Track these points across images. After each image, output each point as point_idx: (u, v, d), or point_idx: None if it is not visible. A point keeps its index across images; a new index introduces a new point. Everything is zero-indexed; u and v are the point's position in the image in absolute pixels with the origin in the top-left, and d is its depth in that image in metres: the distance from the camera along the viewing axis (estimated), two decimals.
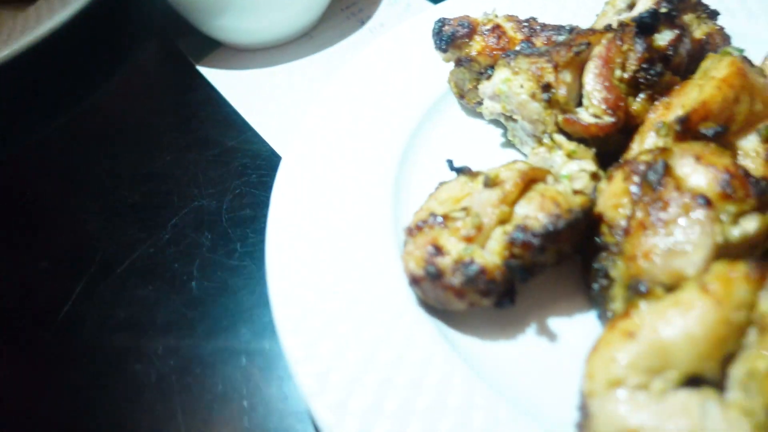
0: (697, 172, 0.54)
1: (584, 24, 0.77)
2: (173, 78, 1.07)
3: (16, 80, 1.05)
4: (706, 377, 0.46)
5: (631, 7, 0.74)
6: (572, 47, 0.65)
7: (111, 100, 1.06)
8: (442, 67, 0.82)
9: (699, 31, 0.75)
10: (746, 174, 0.53)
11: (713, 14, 0.77)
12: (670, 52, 0.68)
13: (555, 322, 0.61)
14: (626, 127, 0.66)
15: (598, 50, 0.65)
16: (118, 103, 1.05)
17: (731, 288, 0.45)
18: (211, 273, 0.76)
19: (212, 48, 1.06)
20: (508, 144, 0.77)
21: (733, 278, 0.45)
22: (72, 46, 1.10)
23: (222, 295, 0.73)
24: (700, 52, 0.72)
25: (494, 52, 0.73)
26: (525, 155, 0.74)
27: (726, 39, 0.78)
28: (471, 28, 0.74)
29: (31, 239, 0.82)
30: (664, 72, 0.64)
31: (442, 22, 0.75)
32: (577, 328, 0.60)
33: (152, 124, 0.99)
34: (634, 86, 0.65)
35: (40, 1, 1.12)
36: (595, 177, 0.65)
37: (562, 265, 0.63)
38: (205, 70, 1.03)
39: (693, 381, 0.46)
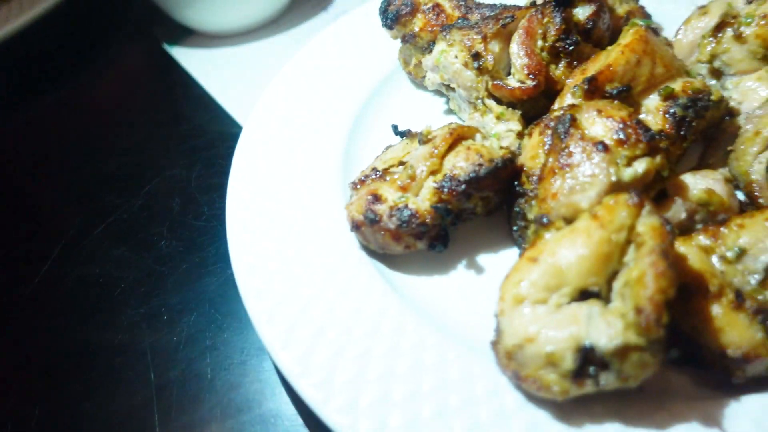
0: (597, 123, 0.61)
1: (521, 3, 0.85)
2: (149, 62, 1.13)
3: (2, 67, 1.11)
4: (595, 291, 0.53)
5: None
6: (499, 20, 0.73)
7: (91, 83, 1.12)
8: (393, 45, 0.89)
9: (621, 9, 0.84)
10: (639, 124, 0.60)
11: None
12: (590, 26, 0.76)
13: (483, 261, 0.68)
14: (549, 92, 0.74)
15: (522, 23, 0.73)
16: (97, 86, 1.12)
17: (613, 213, 0.52)
18: (180, 233, 0.82)
19: (185, 35, 1.13)
20: (451, 112, 0.85)
21: (614, 205, 0.53)
22: (55, 33, 1.17)
23: (190, 252, 0.80)
24: (622, 27, 0.80)
25: (434, 28, 0.80)
26: (463, 120, 0.82)
27: (647, 16, 0.86)
28: (413, 7, 0.82)
29: (16, 206, 0.89)
30: (579, 42, 0.72)
31: (387, 2, 0.83)
32: (501, 266, 0.67)
33: (128, 105, 1.05)
34: (554, 55, 0.73)
35: None
36: (520, 135, 0.72)
37: (494, 216, 0.71)
38: (178, 55, 1.10)
39: (585, 295, 0.53)
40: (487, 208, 0.69)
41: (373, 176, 0.69)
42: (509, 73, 0.76)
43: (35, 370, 0.72)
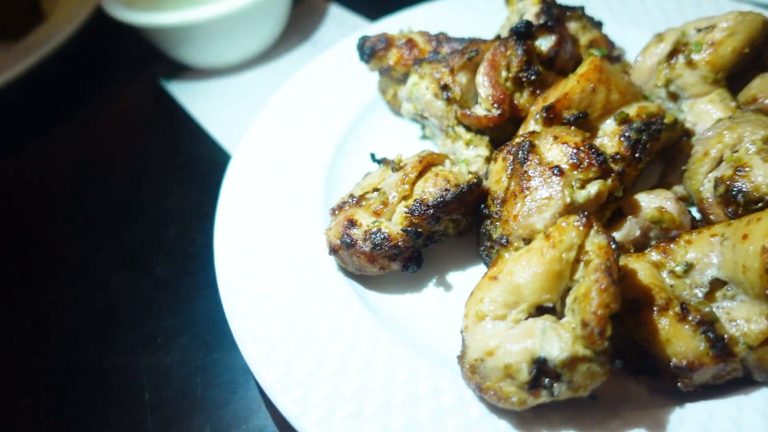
0: (554, 148, 0.66)
1: (487, 36, 0.91)
2: (146, 98, 1.20)
3: (9, 105, 1.19)
4: (550, 307, 0.57)
5: (521, 18, 0.87)
6: (465, 53, 0.78)
7: (92, 119, 1.20)
8: (374, 76, 0.95)
9: (584, 38, 0.89)
10: (592, 148, 0.65)
11: (597, 24, 0.90)
12: (552, 55, 0.81)
13: (454, 280, 0.72)
14: (516, 118, 0.79)
15: (487, 56, 0.78)
16: (98, 122, 1.19)
17: (564, 234, 0.56)
18: (174, 259, 0.88)
19: (180, 70, 1.20)
20: (426, 138, 0.90)
21: (565, 226, 0.57)
22: (58, 72, 1.25)
23: (183, 278, 0.85)
24: (583, 56, 0.85)
25: (408, 62, 0.86)
26: (437, 146, 0.87)
27: (610, 44, 0.91)
28: (388, 42, 0.88)
29: (22, 236, 0.95)
30: (541, 72, 0.77)
31: (363, 39, 0.89)
32: (471, 284, 0.70)
33: (127, 139, 1.12)
34: (518, 84, 0.78)
35: (30, 37, 1.27)
36: (488, 160, 0.77)
37: (465, 236, 0.75)
38: (173, 90, 1.17)
39: (542, 310, 0.57)
40: (457, 230, 0.74)
41: (350, 202, 0.74)
42: (477, 102, 0.81)
43: (39, 390, 0.76)
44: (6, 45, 1.32)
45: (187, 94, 1.15)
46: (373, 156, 0.81)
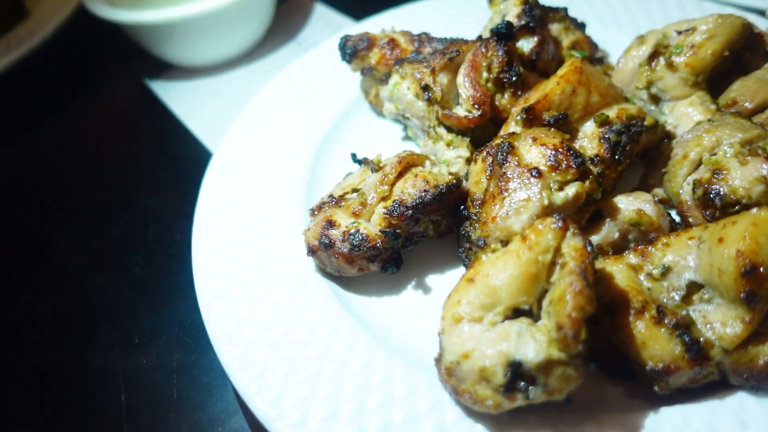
0: (533, 150, 0.65)
1: (471, 36, 0.90)
2: (130, 97, 1.19)
3: None
4: (526, 309, 0.56)
5: (503, 19, 0.87)
6: (446, 54, 0.78)
7: (74, 118, 1.18)
8: (357, 76, 0.95)
9: (567, 40, 0.89)
10: (570, 150, 0.65)
11: (580, 25, 0.90)
12: (534, 57, 0.81)
13: (433, 281, 0.72)
14: (497, 119, 0.78)
15: (468, 56, 0.78)
16: (80, 120, 1.17)
17: (540, 236, 0.56)
18: (153, 260, 0.86)
19: (164, 69, 1.19)
20: (408, 138, 0.89)
21: (541, 229, 0.56)
22: (41, 70, 1.23)
23: (162, 279, 0.84)
24: (565, 57, 0.85)
25: (390, 62, 0.85)
26: (419, 146, 0.86)
27: (593, 46, 0.91)
28: (370, 42, 0.87)
29: (2, 232, 0.94)
30: (521, 73, 0.77)
31: (345, 38, 0.88)
32: (450, 286, 0.70)
33: (109, 137, 1.11)
34: (499, 85, 0.78)
35: (11, 33, 1.25)
36: (469, 162, 0.77)
37: (446, 237, 0.75)
38: (157, 88, 1.15)
39: (518, 313, 0.57)
40: (438, 231, 0.73)
41: (330, 203, 0.73)
42: (458, 103, 0.80)
43: (13, 390, 0.75)
44: None
45: (171, 93, 1.14)
46: (354, 156, 0.80)
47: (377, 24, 1.05)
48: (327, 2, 1.29)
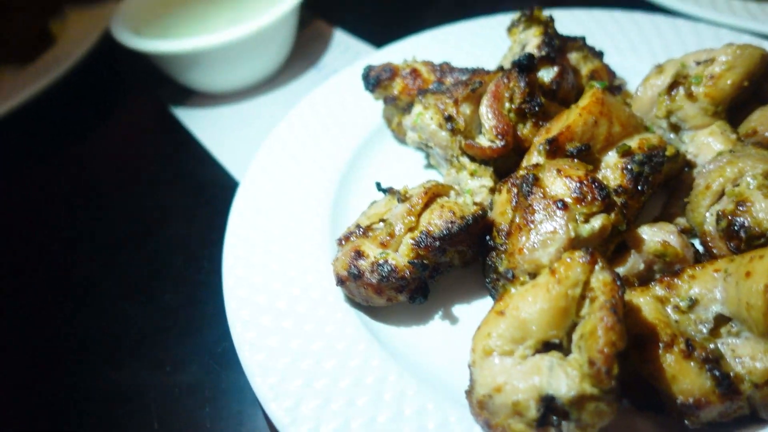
0: (557, 182, 0.67)
1: (490, 65, 0.92)
2: (153, 122, 1.22)
3: (17, 128, 1.20)
4: (556, 343, 0.57)
5: (523, 48, 0.89)
6: (468, 85, 0.80)
7: (100, 143, 1.21)
8: (379, 104, 0.97)
9: (585, 68, 0.90)
10: (595, 182, 0.66)
11: (598, 54, 0.92)
12: (554, 87, 0.83)
13: (460, 311, 0.73)
14: (519, 148, 0.80)
15: (490, 87, 0.80)
16: (106, 146, 1.20)
17: (569, 270, 0.57)
18: (182, 288, 0.88)
19: (187, 95, 1.22)
20: (431, 167, 0.91)
21: (570, 262, 0.58)
22: (67, 97, 1.26)
23: (191, 306, 0.86)
24: (584, 86, 0.87)
25: (412, 91, 0.87)
26: (442, 174, 0.88)
27: (611, 74, 0.93)
28: (393, 72, 0.89)
29: (28, 262, 0.96)
30: (543, 104, 0.78)
31: (368, 68, 0.90)
32: (478, 316, 0.71)
33: (134, 164, 1.13)
34: (521, 115, 0.79)
35: (39, 61, 1.29)
36: (492, 191, 0.78)
37: (471, 266, 0.76)
38: (181, 115, 1.18)
39: (548, 346, 0.58)
40: (463, 260, 0.74)
41: (357, 233, 0.75)
42: (481, 133, 0.82)
43: (45, 418, 0.77)
44: (16, 68, 1.34)
45: (195, 120, 1.17)
46: (378, 185, 0.82)
47: (396, 51, 1.07)
48: (346, 28, 1.31)
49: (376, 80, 0.90)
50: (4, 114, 1.15)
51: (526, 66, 0.78)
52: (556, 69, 0.82)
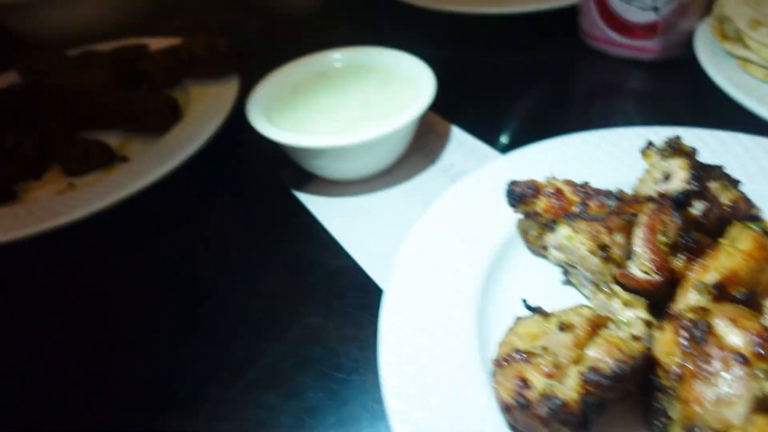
0: (733, 332, 0.68)
1: (625, 184, 0.96)
2: (277, 205, 1.28)
3: (146, 204, 1.27)
4: None
5: (666, 177, 0.92)
6: (621, 215, 0.83)
7: (221, 224, 1.27)
8: (509, 212, 1.01)
9: (724, 198, 0.93)
10: None
11: (735, 183, 0.95)
12: (703, 220, 0.86)
13: None
14: (671, 282, 0.82)
15: (644, 219, 0.83)
16: (228, 227, 1.26)
17: None
18: (323, 383, 0.91)
19: (308, 178, 1.29)
20: (569, 283, 0.94)
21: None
22: (191, 176, 1.33)
23: (336, 406, 0.88)
24: (727, 216, 0.89)
25: (555, 210, 0.91)
26: (583, 294, 0.90)
27: (749, 203, 0.95)
28: (536, 190, 0.93)
29: (156, 362, 0.99)
30: (698, 239, 0.81)
31: (512, 184, 0.95)
32: None
33: (260, 246, 1.19)
34: (674, 248, 0.82)
35: (168, 136, 1.37)
36: (648, 324, 0.80)
37: (627, 400, 0.77)
38: (304, 198, 1.24)
39: None
40: (623, 396, 0.76)
41: (517, 357, 0.77)
42: (631, 260, 0.85)
43: None
44: (146, 140, 1.43)
45: (317, 205, 1.22)
46: (525, 302, 0.84)
47: (522, 156, 1.12)
48: (461, 125, 1.38)
49: (519, 196, 0.94)
50: (141, 189, 1.22)
51: (682, 203, 0.81)
52: (705, 203, 0.85)
